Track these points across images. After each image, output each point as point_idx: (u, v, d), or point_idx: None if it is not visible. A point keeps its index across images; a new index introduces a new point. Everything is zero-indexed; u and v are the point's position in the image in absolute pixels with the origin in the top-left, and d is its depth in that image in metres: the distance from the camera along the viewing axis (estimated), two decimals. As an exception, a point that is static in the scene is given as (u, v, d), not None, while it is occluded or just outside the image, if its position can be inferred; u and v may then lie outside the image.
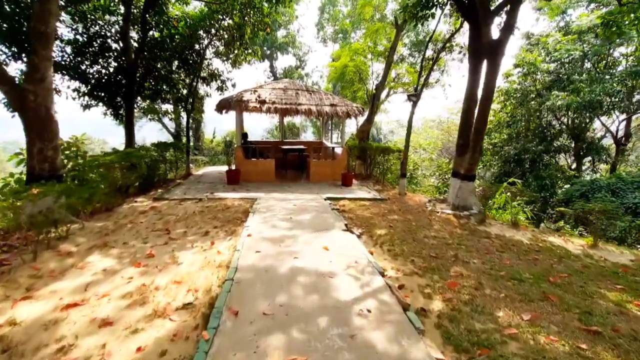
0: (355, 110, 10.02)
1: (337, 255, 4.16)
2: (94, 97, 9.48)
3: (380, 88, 11.94)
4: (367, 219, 6.29)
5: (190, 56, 11.22)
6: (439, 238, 5.43)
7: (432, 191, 14.38)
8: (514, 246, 5.36)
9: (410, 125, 9.14)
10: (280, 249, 4.26)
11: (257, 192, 8.24)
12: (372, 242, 5.05)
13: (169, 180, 10.07)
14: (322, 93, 10.65)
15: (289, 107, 9.53)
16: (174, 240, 4.73)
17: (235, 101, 9.36)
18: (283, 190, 8.60)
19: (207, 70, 11.78)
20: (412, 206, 7.85)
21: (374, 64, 13.86)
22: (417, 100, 8.77)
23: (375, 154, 11.31)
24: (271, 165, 10.03)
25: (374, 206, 7.49)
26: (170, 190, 8.36)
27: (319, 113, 9.65)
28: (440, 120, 27.42)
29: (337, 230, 5.21)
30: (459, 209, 7.36)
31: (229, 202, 7.21)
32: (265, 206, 6.69)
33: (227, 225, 5.48)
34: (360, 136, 12.52)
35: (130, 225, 5.42)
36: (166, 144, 9.78)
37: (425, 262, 4.32)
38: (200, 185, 9.26)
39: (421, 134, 28.17)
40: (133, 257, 4.09)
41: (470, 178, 7.36)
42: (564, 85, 14.27)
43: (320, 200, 7.52)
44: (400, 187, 9.27)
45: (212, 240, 4.75)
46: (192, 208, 6.61)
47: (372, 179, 11.97)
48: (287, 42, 23.61)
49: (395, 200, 8.46)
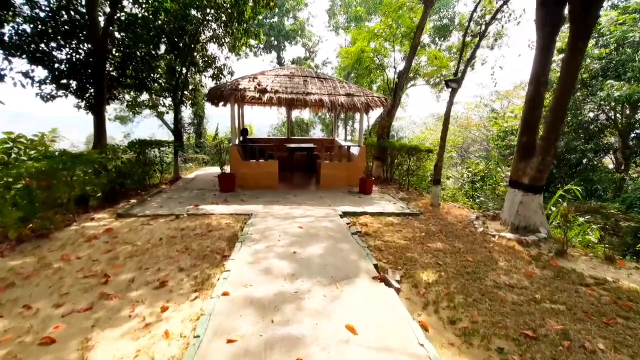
0: (377, 101, 8.15)
1: (372, 345, 2.35)
2: (60, 86, 7.83)
3: (405, 76, 10.04)
4: (402, 250, 4.46)
5: (181, 39, 9.48)
6: (518, 289, 3.57)
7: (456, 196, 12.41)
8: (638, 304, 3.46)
9: (448, 120, 7.24)
10: (273, 331, 2.44)
11: (254, 205, 6.48)
12: (419, 299, 3.23)
13: (152, 186, 8.39)
14: (335, 81, 8.81)
15: (296, 97, 7.71)
16: (107, 300, 2.98)
17: (229, 90, 7.58)
18: (287, 201, 6.82)
19: (201, 55, 10.02)
20: (454, 225, 5.99)
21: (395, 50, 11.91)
22: (459, 86, 6.86)
23: (398, 154, 9.43)
24: (274, 168, 8.26)
25: (405, 225, 5.65)
26: (145, 201, 6.65)
27: (333, 105, 7.81)
28: (457, 117, 25.19)
29: (365, 278, 3.39)
30: (521, 230, 5.47)
31: (215, 220, 5.45)
32: (261, 229, 4.91)
33: (199, 266, 3.71)
34: (380, 133, 10.65)
35: (58, 265, 3.70)
36: (146, 142, 8.09)
37: (522, 349, 2.50)
38: (187, 193, 7.54)
39: (436, 130, 26.08)
40: (18, 344, 2.36)
41: (537, 190, 5.45)
42: (619, 74, 12.09)
43: (334, 217, 5.71)
44: (434, 197, 7.39)
45: (166, 301, 2.98)
46: (161, 231, 4.87)
47: (394, 184, 10.11)
48: (296, 30, 21.74)
49: (429, 214, 6.60)
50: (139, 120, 22.08)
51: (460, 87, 6.93)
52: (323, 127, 25.85)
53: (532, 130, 5.50)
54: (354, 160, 8.85)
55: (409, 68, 10.01)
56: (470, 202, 10.93)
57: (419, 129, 29.68)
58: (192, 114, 20.96)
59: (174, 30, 9.08)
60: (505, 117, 16.70)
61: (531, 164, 5.40)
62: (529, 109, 5.52)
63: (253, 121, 24.07)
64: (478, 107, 23.05)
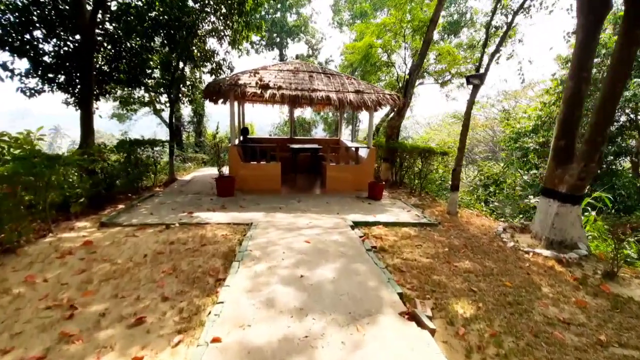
0: (389, 99, 7.49)
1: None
2: (46, 80, 7.20)
3: (416, 72, 9.38)
4: (426, 271, 3.82)
5: (177, 31, 8.85)
6: (575, 326, 2.93)
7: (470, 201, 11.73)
8: None
9: (469, 119, 6.59)
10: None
11: (254, 212, 5.84)
12: (458, 342, 2.59)
13: (144, 188, 7.76)
14: (343, 77, 8.16)
15: (301, 93, 7.07)
16: (67, 344, 2.35)
17: (228, 86, 6.95)
18: (290, 208, 6.18)
19: (199, 49, 9.37)
20: (478, 237, 5.35)
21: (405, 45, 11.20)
22: (481, 83, 6.21)
23: (410, 156, 8.79)
24: (276, 170, 7.63)
25: (424, 237, 5.02)
26: (134, 206, 6.02)
27: (341, 102, 7.17)
28: (462, 117, 24.38)
29: (390, 314, 2.75)
30: (556, 245, 4.83)
31: (210, 231, 4.82)
32: (262, 244, 4.27)
33: (187, 294, 3.08)
34: (389, 133, 10.00)
35: (18, 289, 3.08)
36: (137, 141, 7.46)
37: None
38: (181, 197, 6.91)
39: (441, 130, 25.38)
40: None
41: (576, 200, 4.80)
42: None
43: (344, 227, 5.07)
44: (451, 204, 6.76)
45: (141, 347, 2.35)
46: (147, 245, 4.24)
47: (403, 188, 9.47)
48: (298, 26, 21.08)
49: (448, 223, 5.96)
50: (137, 118, 21.45)
51: (483, 84, 6.28)
52: (325, 127, 25.18)
53: (571, 132, 4.85)
54: (362, 162, 8.21)
55: (420, 64, 9.35)
56: (486, 209, 10.27)
57: (423, 129, 29.00)
58: (191, 111, 20.34)
59: (169, 22, 8.44)
60: (517, 117, 16.04)
61: (570, 170, 4.75)
62: (567, 108, 4.86)
63: (254, 120, 23.32)
64: (484, 107, 22.44)
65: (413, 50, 10.83)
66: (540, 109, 14.62)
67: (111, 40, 7.98)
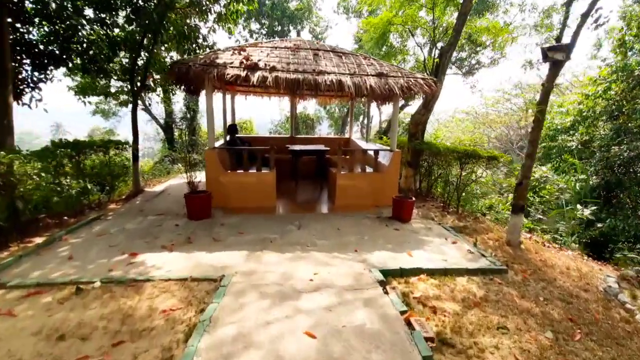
0: (422, 84, 5.48)
1: None
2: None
3: (449, 53, 7.35)
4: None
5: (147, 2, 6.89)
6: None
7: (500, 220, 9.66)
8: None
9: (544, 113, 4.56)
10: None
11: (233, 250, 3.90)
12: None
13: (93, 206, 5.82)
14: (359, 56, 6.15)
15: (303, 77, 5.07)
16: None
17: (199, 66, 4.96)
18: (287, 240, 4.22)
19: (175, 26, 7.37)
20: (579, 296, 3.37)
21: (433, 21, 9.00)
22: (566, 58, 4.19)
23: (444, 160, 6.77)
24: (270, 181, 5.68)
25: (498, 301, 3.06)
26: (55, 241, 4.08)
27: (358, 89, 5.15)
28: (476, 113, 22.27)
29: None
30: None
31: (147, 299, 2.87)
32: (227, 342, 2.31)
33: None
34: (413, 131, 7.99)
35: None
36: (82, 144, 5.52)
37: None
38: (135, 222, 4.96)
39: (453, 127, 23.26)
40: None
41: None
42: None
43: (370, 284, 3.10)
44: (513, 232, 4.77)
45: None
46: (19, 338, 2.31)
47: (431, 200, 7.48)
48: (301, 9, 19.07)
49: (519, 266, 3.98)
50: (123, 114, 19.54)
51: (569, 59, 4.25)
52: (331, 123, 23.10)
53: None
54: (383, 170, 6.22)
55: (455, 43, 7.31)
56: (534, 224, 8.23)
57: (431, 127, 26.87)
58: (183, 106, 18.42)
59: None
60: (552, 112, 13.91)
61: None
62: None
63: (254, 115, 21.17)
64: (499, 102, 20.41)
65: (442, 28, 8.76)
66: (580, 102, 12.52)
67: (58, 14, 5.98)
